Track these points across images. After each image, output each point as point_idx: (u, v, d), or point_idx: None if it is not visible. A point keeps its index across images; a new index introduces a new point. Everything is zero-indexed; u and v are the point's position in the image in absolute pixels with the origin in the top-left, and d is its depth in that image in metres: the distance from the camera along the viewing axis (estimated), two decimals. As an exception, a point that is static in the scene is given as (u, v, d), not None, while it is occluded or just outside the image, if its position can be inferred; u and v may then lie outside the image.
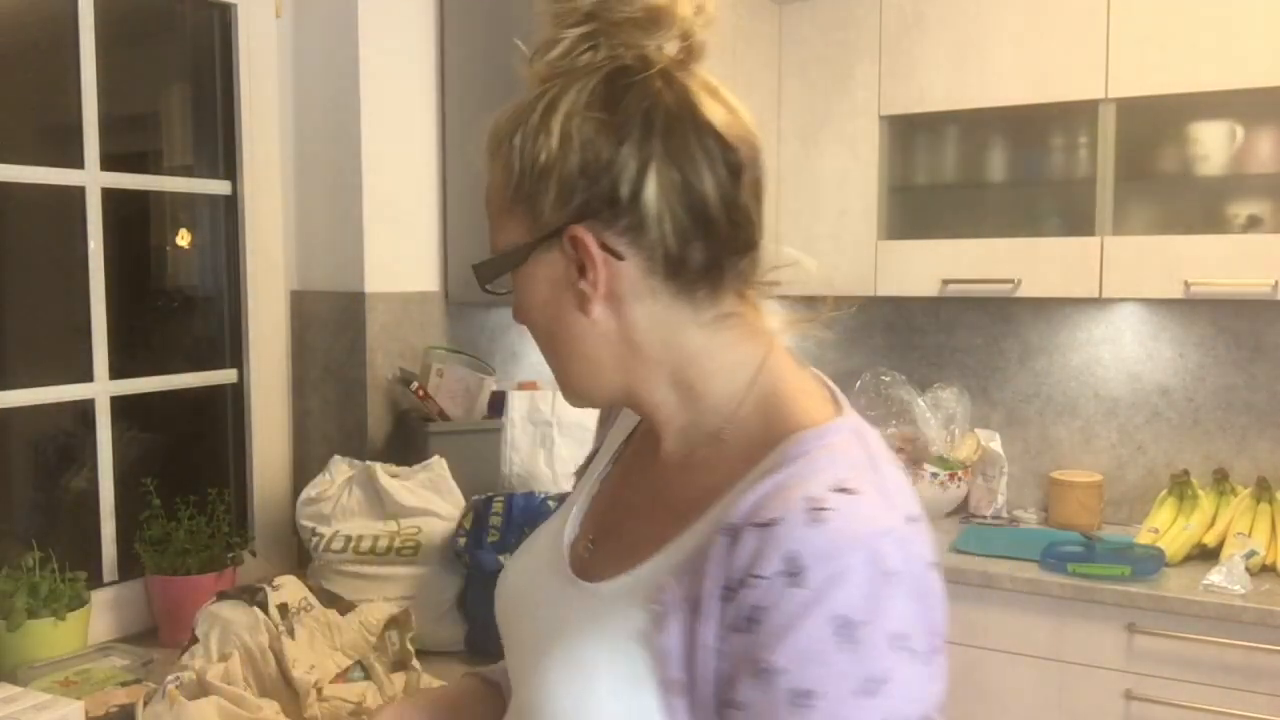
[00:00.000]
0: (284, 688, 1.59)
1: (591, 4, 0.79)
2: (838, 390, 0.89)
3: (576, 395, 0.88)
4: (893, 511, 0.77)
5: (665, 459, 0.87)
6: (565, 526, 0.94)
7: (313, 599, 1.73)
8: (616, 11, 0.78)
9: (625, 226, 0.79)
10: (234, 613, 1.61)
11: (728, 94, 0.83)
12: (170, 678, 1.50)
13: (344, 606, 1.79)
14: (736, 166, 0.80)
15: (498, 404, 2.40)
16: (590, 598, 0.84)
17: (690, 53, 0.81)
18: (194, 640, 1.61)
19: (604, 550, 0.88)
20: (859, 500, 0.74)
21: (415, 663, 1.69)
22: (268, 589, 1.67)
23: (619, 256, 0.79)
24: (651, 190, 0.78)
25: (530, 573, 0.94)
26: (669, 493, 0.86)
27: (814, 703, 0.69)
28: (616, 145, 0.77)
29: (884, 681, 0.70)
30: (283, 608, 1.66)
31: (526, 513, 1.94)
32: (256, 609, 1.62)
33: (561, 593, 0.88)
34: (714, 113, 0.80)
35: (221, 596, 1.68)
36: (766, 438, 0.80)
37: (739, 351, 0.85)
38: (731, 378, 0.84)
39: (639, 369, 0.84)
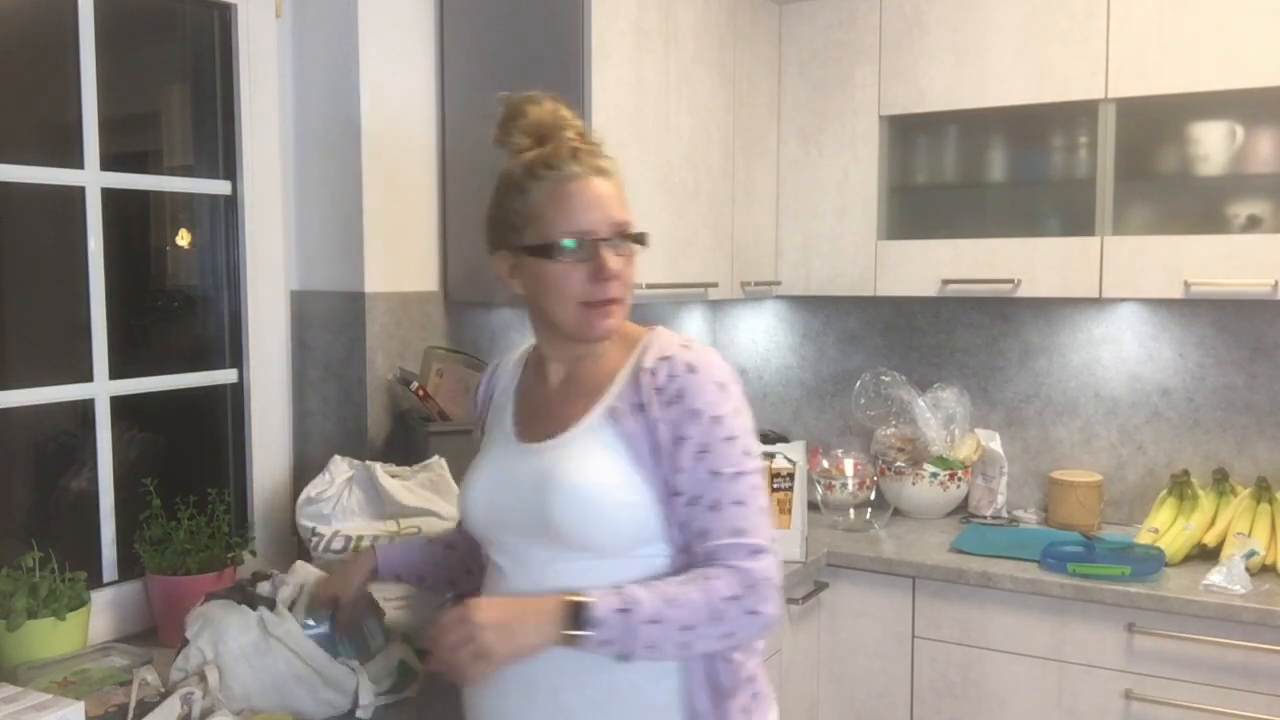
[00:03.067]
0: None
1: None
2: (670, 331, 1.49)
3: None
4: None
5: (567, 374, 1.49)
6: (508, 440, 1.50)
7: None
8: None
9: None
10: (223, 613, 1.61)
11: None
12: (184, 690, 1.50)
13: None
14: None
15: (498, 404, 2.40)
16: (566, 440, 1.42)
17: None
18: (185, 643, 1.61)
19: (538, 428, 1.46)
20: (695, 342, 1.44)
21: None
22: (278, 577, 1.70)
23: None
24: None
25: (506, 469, 1.46)
26: (572, 387, 1.47)
27: (719, 419, 1.36)
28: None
29: (740, 411, 1.39)
30: None
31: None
32: (246, 608, 1.63)
33: (542, 453, 1.43)
34: None
35: (210, 597, 1.68)
36: (626, 342, 1.46)
37: None
38: None
39: None
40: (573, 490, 1.36)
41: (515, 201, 1.42)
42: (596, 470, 1.37)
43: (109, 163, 2.04)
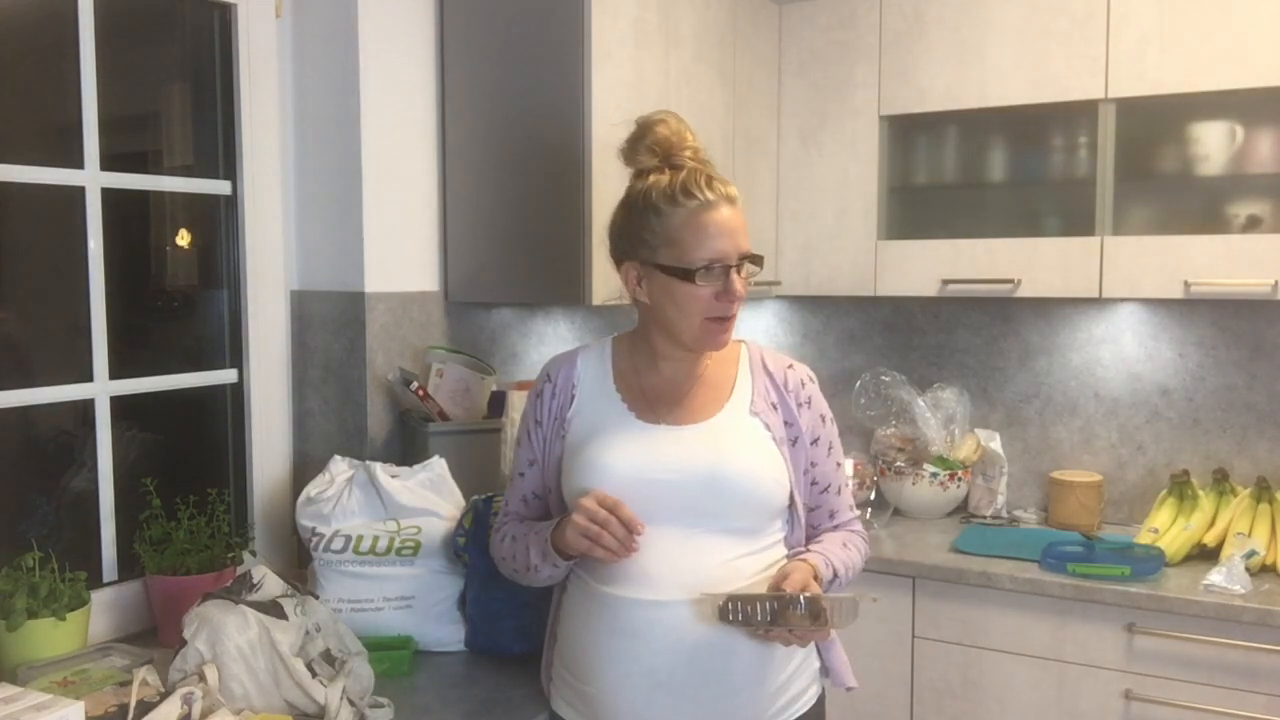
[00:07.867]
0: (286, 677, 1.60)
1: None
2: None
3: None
4: None
5: (686, 370, 1.64)
6: (632, 425, 1.60)
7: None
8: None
9: None
10: (220, 613, 1.61)
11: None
12: (184, 690, 1.50)
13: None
14: None
15: (498, 404, 2.40)
16: (719, 426, 1.59)
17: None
18: (184, 643, 1.62)
19: (679, 415, 1.61)
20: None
21: None
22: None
23: None
24: None
25: (650, 448, 1.57)
26: (694, 381, 1.64)
27: (832, 419, 1.72)
28: None
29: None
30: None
31: (526, 513, 1.93)
32: (244, 606, 1.62)
33: (697, 437, 1.58)
34: None
35: (208, 597, 1.68)
36: (731, 352, 1.68)
37: None
38: None
39: None
40: (744, 469, 1.55)
41: (652, 222, 1.54)
42: (759, 453, 1.58)
43: (109, 163, 2.04)
